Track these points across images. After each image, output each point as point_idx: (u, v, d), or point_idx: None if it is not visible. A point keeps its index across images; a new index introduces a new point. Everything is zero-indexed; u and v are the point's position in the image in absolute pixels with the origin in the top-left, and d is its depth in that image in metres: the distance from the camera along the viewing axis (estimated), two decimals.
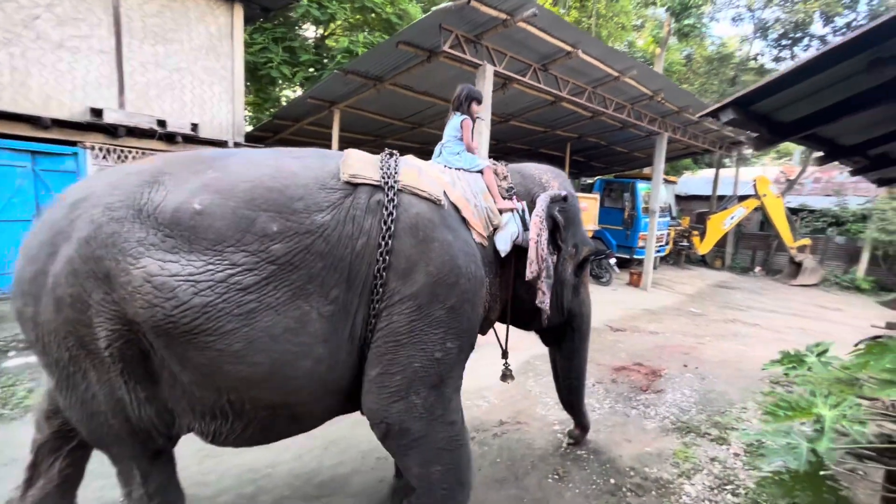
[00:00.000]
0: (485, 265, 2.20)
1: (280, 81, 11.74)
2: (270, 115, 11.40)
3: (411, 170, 2.08)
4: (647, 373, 5.37)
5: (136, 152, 5.98)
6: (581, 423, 3.60)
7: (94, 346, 1.59)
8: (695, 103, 9.87)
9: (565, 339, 3.14)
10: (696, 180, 20.71)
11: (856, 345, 5.52)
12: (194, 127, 6.46)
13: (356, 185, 1.89)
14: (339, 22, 11.53)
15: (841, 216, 14.54)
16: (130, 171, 1.74)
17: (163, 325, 1.54)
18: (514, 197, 2.47)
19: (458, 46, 5.21)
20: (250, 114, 13.62)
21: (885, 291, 13.03)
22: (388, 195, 1.90)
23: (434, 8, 4.76)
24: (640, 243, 11.32)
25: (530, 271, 2.23)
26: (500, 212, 2.37)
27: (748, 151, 16.97)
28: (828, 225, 14.84)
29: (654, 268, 11.50)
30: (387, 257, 1.83)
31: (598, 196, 11.34)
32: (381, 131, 10.53)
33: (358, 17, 11.55)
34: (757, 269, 15.54)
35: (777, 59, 17.03)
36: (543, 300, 2.31)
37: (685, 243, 14.50)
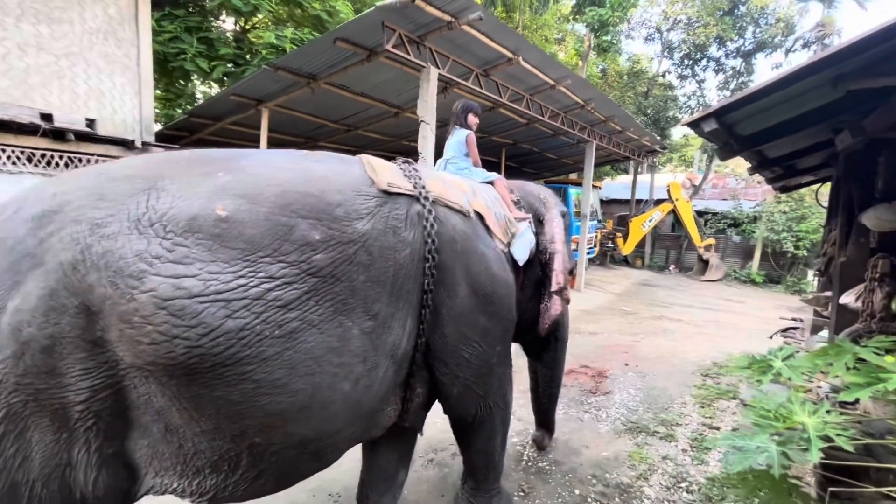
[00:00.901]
0: (511, 270, 2.30)
1: (195, 76, 10.65)
2: (184, 112, 10.30)
3: (436, 180, 2.05)
4: (594, 374, 5.50)
5: (14, 151, 4.98)
6: (550, 428, 3.68)
7: (57, 400, 1.23)
8: (620, 114, 10.52)
9: (548, 348, 3.19)
10: (616, 185, 22.27)
11: (771, 336, 6.17)
12: (90, 123, 5.51)
13: (391, 194, 1.77)
14: (262, 15, 10.74)
15: (737, 218, 16.36)
16: (114, 175, 1.41)
17: (183, 362, 1.25)
18: (522, 210, 2.58)
19: (401, 46, 4.98)
20: (159, 110, 12.24)
21: (773, 283, 14.87)
22: (425, 207, 1.85)
23: (377, 4, 4.48)
24: (574, 246, 11.84)
25: (557, 282, 2.51)
26: (516, 221, 2.44)
27: (657, 159, 18.56)
28: (727, 226, 16.62)
29: (584, 269, 12.09)
30: (435, 272, 1.81)
31: None
32: (315, 133, 9.94)
33: (284, 11, 10.85)
34: (672, 267, 17.00)
35: (681, 77, 18.88)
36: (559, 309, 2.57)
37: (610, 244, 15.47)
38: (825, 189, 5.71)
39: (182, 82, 11.25)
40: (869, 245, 2.95)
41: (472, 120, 2.86)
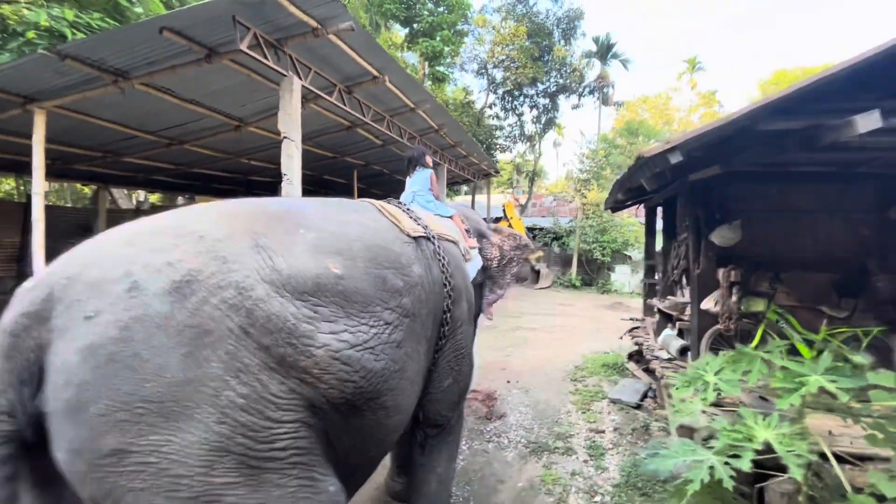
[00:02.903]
0: None
1: None
2: None
3: (429, 219, 2.60)
4: (484, 399, 5.45)
5: None
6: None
7: (263, 449, 1.37)
8: (466, 140, 11.17)
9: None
10: (456, 205, 23.80)
11: (621, 337, 7.13)
12: None
13: (416, 239, 2.20)
14: None
15: (558, 232, 19.12)
16: (216, 236, 1.45)
17: (350, 400, 1.56)
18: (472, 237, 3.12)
19: (257, 49, 4.17)
20: None
21: (588, 286, 17.78)
22: (436, 244, 2.34)
23: None
24: None
25: (496, 296, 3.31)
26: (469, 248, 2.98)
27: (487, 180, 20.57)
28: (551, 239, 19.27)
29: None
30: (451, 293, 2.31)
31: None
32: (119, 146, 7.76)
33: None
34: None
35: (504, 110, 21.41)
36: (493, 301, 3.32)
37: None
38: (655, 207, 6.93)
39: None
40: (715, 258, 3.53)
41: (429, 161, 3.35)
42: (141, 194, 18.70)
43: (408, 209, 2.43)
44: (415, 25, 17.88)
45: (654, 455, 2.75)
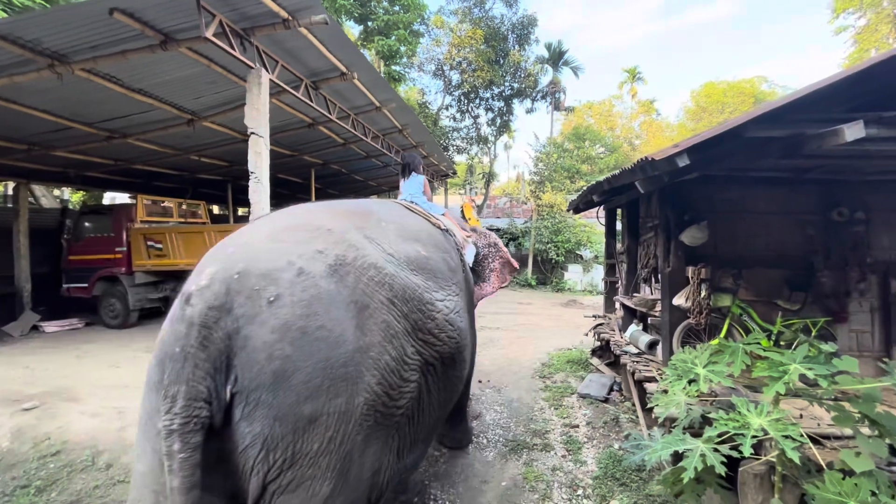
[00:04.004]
0: None
1: None
2: None
3: (438, 216, 3.10)
4: None
5: None
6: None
7: (392, 406, 1.63)
8: (428, 140, 11.15)
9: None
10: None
11: (587, 334, 7.37)
12: None
13: (444, 231, 2.71)
14: None
15: (514, 232, 19.54)
16: (339, 230, 1.78)
17: (452, 353, 2.03)
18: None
19: (222, 37, 3.89)
20: None
21: (542, 285, 18.31)
22: (453, 237, 2.87)
23: None
24: None
25: (493, 287, 3.63)
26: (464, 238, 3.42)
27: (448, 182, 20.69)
28: (507, 240, 19.65)
29: None
30: (467, 275, 2.72)
31: None
32: (47, 138, 6.95)
33: None
34: None
35: (460, 112, 21.59)
36: (490, 291, 3.64)
37: None
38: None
39: None
40: (684, 257, 3.74)
41: (421, 168, 3.88)
42: (66, 192, 16.99)
43: (416, 205, 2.97)
44: (370, 23, 17.60)
45: (638, 447, 2.88)
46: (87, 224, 8.96)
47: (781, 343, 3.29)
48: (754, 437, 1.81)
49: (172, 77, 5.23)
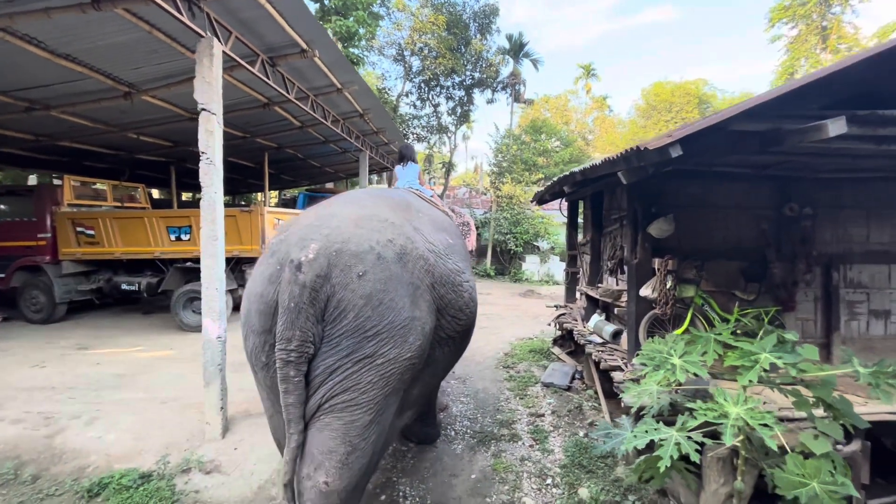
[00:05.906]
0: None
1: None
2: None
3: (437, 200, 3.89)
4: None
5: None
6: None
7: (417, 366, 2.20)
8: (390, 126, 10.83)
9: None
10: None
11: (550, 323, 7.47)
12: None
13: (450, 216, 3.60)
14: None
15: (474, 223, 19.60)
16: (398, 222, 2.40)
17: (469, 327, 2.77)
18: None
19: (169, 0, 3.47)
20: None
21: (501, 275, 18.57)
22: (452, 218, 3.67)
23: None
24: None
25: (471, 243, 4.14)
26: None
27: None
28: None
29: None
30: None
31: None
32: None
33: None
34: None
35: (421, 99, 21.22)
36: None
37: None
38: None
39: None
40: (651, 249, 3.82)
41: (416, 157, 4.18)
42: None
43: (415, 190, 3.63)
44: (326, 2, 16.80)
45: (608, 436, 2.91)
46: (2, 207, 7.97)
47: (738, 332, 3.43)
48: (734, 425, 1.85)
49: (107, 42, 4.66)
